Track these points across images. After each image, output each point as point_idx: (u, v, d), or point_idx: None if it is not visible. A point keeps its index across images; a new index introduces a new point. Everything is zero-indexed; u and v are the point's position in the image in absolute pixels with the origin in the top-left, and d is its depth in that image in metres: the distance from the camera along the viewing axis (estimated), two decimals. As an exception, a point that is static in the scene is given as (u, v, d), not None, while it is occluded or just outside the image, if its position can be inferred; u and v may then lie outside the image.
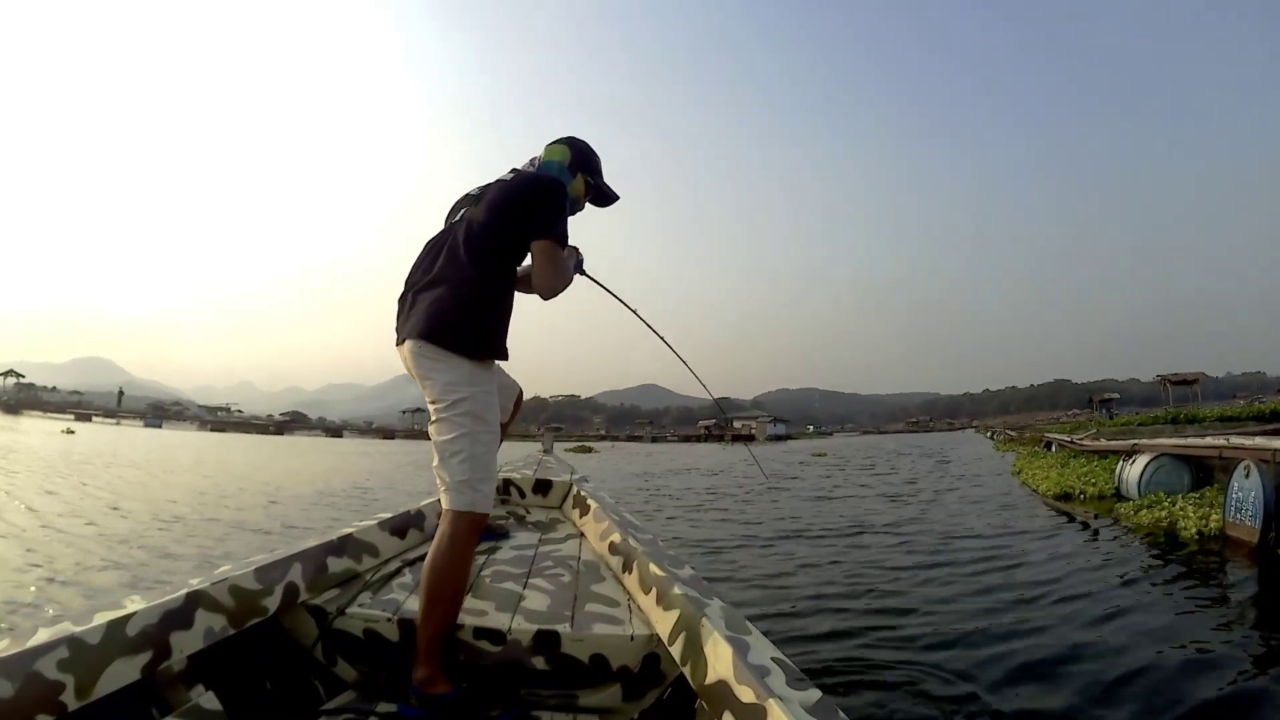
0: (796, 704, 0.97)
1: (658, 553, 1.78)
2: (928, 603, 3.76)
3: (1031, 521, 6.95)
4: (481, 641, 1.52)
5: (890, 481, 12.65)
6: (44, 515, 6.63)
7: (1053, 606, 3.65)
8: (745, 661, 1.10)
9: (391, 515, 2.08)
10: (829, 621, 3.41)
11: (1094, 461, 10.81)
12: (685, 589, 1.45)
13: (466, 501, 1.47)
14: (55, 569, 4.33)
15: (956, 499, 9.24)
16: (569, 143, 1.76)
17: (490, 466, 1.54)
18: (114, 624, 1.19)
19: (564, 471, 3.08)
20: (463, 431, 1.49)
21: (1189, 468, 7.43)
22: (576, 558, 2.10)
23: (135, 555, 4.91)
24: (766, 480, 12.81)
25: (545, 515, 2.72)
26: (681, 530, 6.78)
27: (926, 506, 8.48)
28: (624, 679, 1.50)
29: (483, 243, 1.57)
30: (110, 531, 5.89)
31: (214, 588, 1.40)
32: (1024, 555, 5.05)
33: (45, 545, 5.12)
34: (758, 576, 4.51)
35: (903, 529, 6.55)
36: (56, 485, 9.48)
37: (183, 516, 6.97)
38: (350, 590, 1.71)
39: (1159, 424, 17.92)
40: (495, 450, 1.58)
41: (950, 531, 6.29)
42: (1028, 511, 7.75)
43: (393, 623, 1.56)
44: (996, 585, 4.14)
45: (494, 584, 1.81)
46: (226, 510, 7.73)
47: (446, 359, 1.51)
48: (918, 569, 4.66)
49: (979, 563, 4.81)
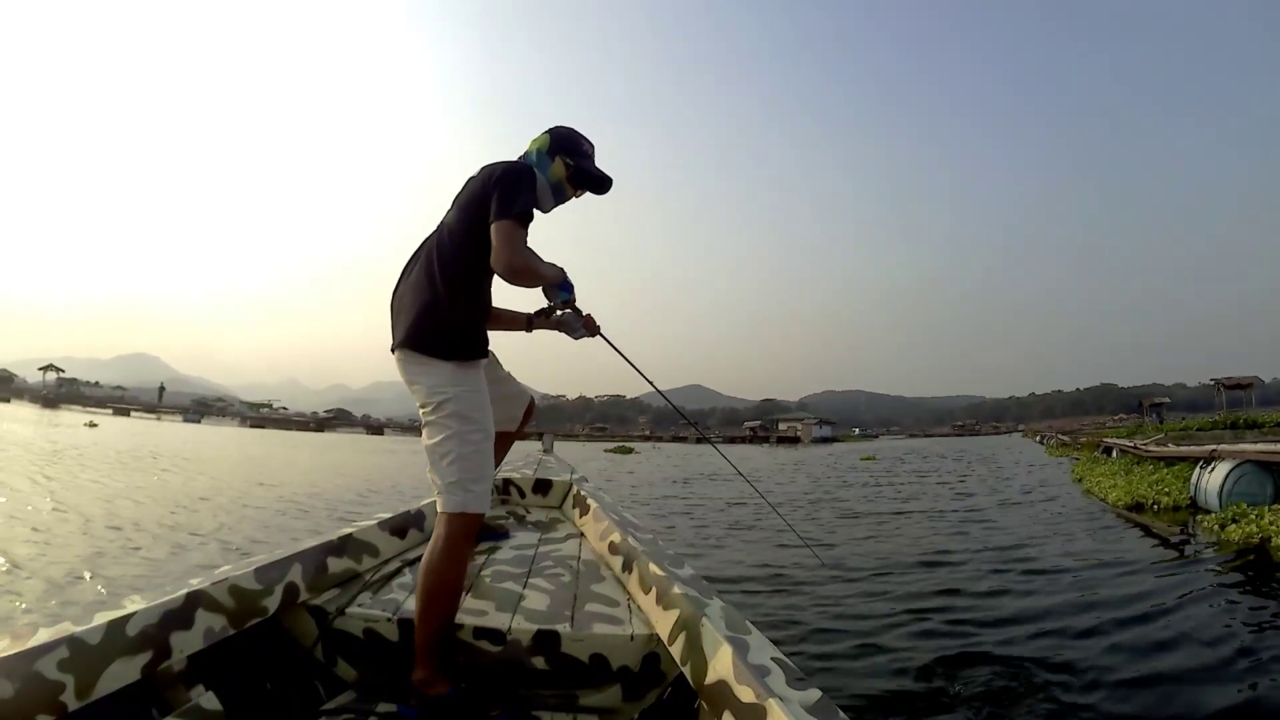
0: (796, 704, 0.97)
1: (658, 552, 1.78)
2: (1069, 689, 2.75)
3: (1118, 544, 6.10)
4: (481, 641, 1.53)
5: (952, 492, 11.36)
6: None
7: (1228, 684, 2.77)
8: (745, 661, 1.10)
9: (391, 515, 2.09)
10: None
11: (1161, 469, 10.19)
12: (685, 589, 1.45)
13: (458, 503, 1.48)
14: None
15: (1026, 517, 8.03)
16: (551, 131, 1.76)
17: (481, 466, 1.53)
18: (114, 624, 1.20)
19: (564, 471, 3.08)
20: (449, 433, 1.50)
21: (1271, 476, 6.94)
22: (576, 557, 2.10)
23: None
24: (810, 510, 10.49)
25: (545, 515, 2.72)
26: (738, 555, 5.59)
27: (1002, 525, 7.29)
28: (624, 679, 1.50)
29: (453, 243, 1.60)
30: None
31: (214, 588, 1.41)
32: (1149, 596, 4.12)
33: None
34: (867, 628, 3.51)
35: (989, 556, 5.46)
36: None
37: (89, 520, 6.16)
38: (350, 590, 1.72)
39: (1218, 429, 17.08)
40: (487, 450, 1.56)
41: (1047, 561, 5.28)
42: (1112, 531, 6.87)
43: (393, 623, 1.57)
44: (1132, 644, 3.23)
45: (494, 584, 1.82)
46: (138, 511, 6.86)
47: (429, 364, 1.54)
48: (1039, 620, 3.65)
49: (1097, 609, 3.82)
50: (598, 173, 1.77)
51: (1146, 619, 3.64)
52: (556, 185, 1.73)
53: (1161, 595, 4.14)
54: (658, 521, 7.84)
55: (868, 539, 6.60)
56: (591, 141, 1.79)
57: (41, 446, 15.88)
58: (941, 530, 7.14)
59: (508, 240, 1.50)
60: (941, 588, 4.38)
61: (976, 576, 4.77)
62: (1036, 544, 6.10)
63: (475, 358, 1.61)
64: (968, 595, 4.23)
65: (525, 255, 1.57)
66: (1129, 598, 4.10)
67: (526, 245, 1.58)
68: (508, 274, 1.52)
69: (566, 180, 1.73)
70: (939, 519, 8.12)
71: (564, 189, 1.74)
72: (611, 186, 1.80)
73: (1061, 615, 3.74)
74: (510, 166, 1.63)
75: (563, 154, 1.72)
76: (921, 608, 3.88)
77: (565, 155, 1.72)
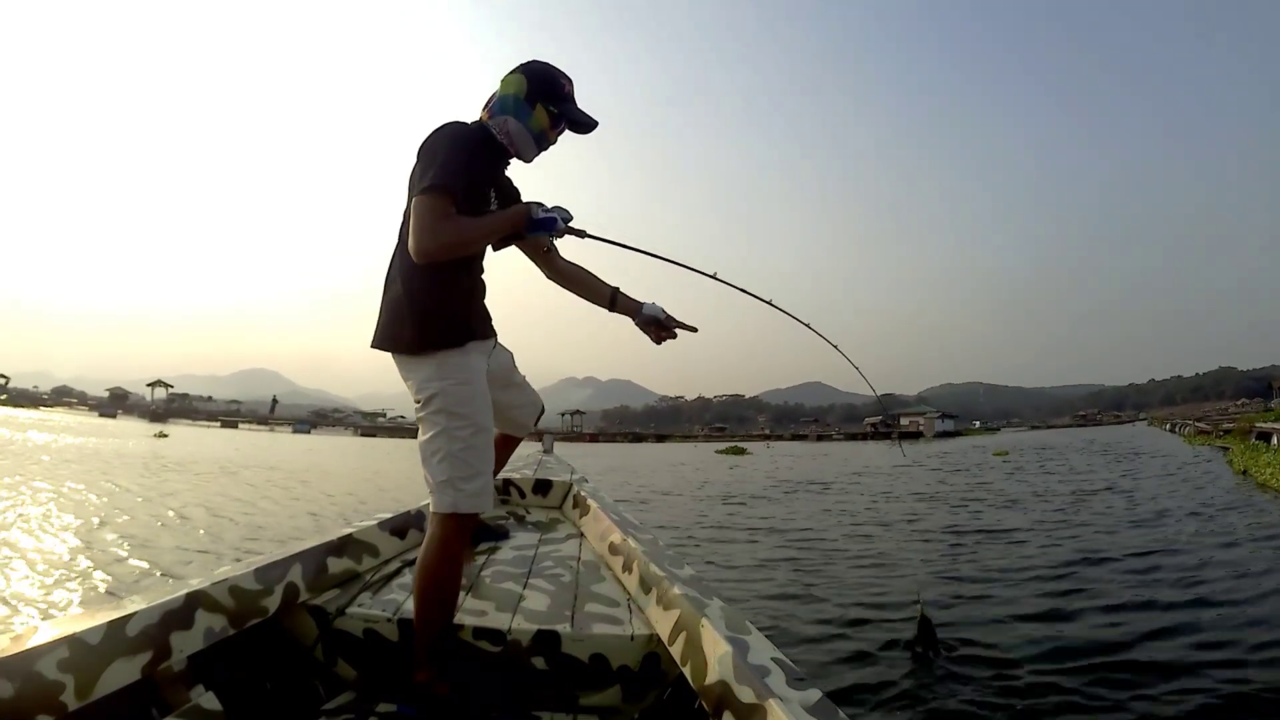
0: (796, 704, 0.97)
1: (658, 553, 1.78)
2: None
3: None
4: (481, 641, 1.53)
5: (1128, 502, 8.91)
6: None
7: None
8: (745, 661, 1.10)
9: (391, 515, 2.09)
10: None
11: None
12: (685, 589, 1.46)
13: (449, 503, 1.41)
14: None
15: (1219, 529, 6.34)
16: (524, 69, 1.55)
17: (474, 464, 1.43)
18: (114, 624, 1.19)
19: (564, 471, 3.11)
20: (437, 429, 1.42)
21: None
22: (576, 558, 2.11)
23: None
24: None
25: (545, 515, 2.73)
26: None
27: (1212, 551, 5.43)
28: (624, 679, 1.50)
29: (407, 230, 1.43)
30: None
31: (214, 588, 1.40)
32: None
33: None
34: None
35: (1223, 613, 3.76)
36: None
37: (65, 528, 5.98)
38: (350, 590, 1.72)
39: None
40: (479, 445, 1.45)
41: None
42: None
43: (393, 623, 1.56)
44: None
45: (494, 584, 1.82)
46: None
47: (409, 361, 1.48)
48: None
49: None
50: (584, 118, 1.59)
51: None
52: (539, 134, 1.56)
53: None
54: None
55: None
56: (570, 77, 1.59)
57: (75, 452, 16.12)
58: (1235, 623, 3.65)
59: (418, 219, 1.34)
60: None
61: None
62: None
63: (456, 343, 1.48)
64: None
65: (439, 234, 1.34)
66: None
67: (447, 216, 1.35)
68: (419, 259, 1.34)
69: (550, 130, 1.57)
70: (1192, 581, 4.52)
71: (546, 136, 1.58)
72: (595, 128, 1.62)
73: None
74: (435, 132, 1.46)
75: (544, 100, 1.54)
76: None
77: (547, 102, 1.54)
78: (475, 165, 1.48)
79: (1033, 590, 4.42)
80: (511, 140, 1.56)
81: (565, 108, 1.57)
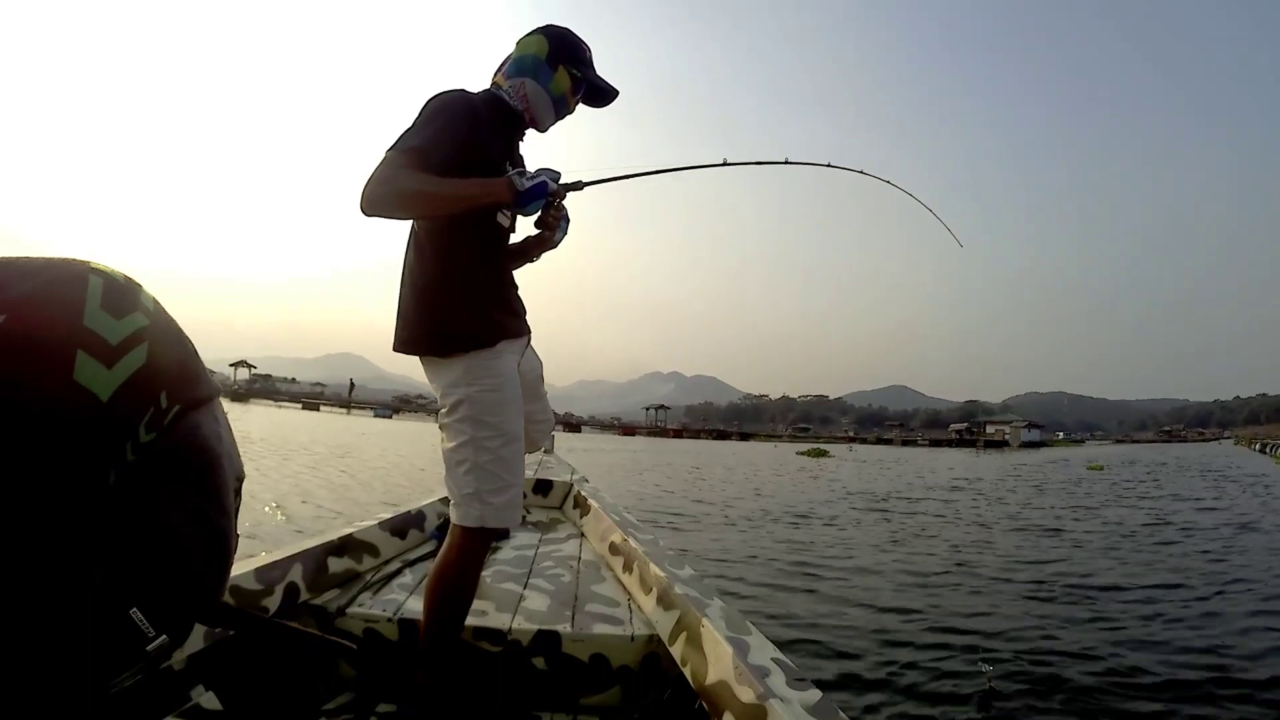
0: (796, 704, 0.97)
1: (658, 553, 1.78)
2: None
3: None
4: (481, 641, 1.53)
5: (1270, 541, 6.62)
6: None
7: None
8: (745, 661, 1.10)
9: (391, 515, 2.10)
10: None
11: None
12: (685, 589, 1.46)
13: (475, 517, 1.30)
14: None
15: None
16: (545, 31, 1.44)
17: (503, 476, 1.32)
18: None
19: (564, 472, 3.11)
20: (464, 439, 1.31)
21: None
22: (577, 558, 2.11)
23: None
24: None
25: (545, 515, 2.73)
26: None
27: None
28: (624, 679, 1.51)
29: (421, 223, 1.37)
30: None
31: None
32: None
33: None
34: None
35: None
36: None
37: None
38: (350, 590, 1.72)
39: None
40: (509, 456, 1.34)
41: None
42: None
43: (393, 623, 1.56)
44: None
45: (494, 584, 1.82)
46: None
47: (434, 363, 1.37)
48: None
49: None
50: (605, 84, 1.50)
51: None
52: (560, 99, 1.45)
53: None
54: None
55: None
56: (588, 44, 1.49)
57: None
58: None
59: (377, 169, 1.19)
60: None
61: None
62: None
63: (484, 344, 1.35)
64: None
65: (391, 181, 1.19)
66: None
67: (403, 173, 1.20)
68: (365, 208, 1.19)
69: (570, 95, 1.46)
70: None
71: (567, 102, 1.47)
72: (616, 98, 1.54)
73: None
74: (426, 102, 1.32)
75: (566, 63, 1.43)
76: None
77: (570, 65, 1.44)
78: (484, 134, 1.34)
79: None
80: (529, 104, 1.43)
81: (588, 72, 1.47)
